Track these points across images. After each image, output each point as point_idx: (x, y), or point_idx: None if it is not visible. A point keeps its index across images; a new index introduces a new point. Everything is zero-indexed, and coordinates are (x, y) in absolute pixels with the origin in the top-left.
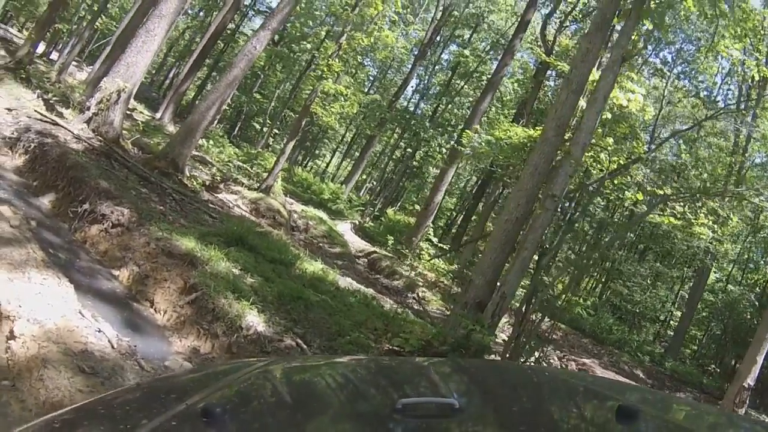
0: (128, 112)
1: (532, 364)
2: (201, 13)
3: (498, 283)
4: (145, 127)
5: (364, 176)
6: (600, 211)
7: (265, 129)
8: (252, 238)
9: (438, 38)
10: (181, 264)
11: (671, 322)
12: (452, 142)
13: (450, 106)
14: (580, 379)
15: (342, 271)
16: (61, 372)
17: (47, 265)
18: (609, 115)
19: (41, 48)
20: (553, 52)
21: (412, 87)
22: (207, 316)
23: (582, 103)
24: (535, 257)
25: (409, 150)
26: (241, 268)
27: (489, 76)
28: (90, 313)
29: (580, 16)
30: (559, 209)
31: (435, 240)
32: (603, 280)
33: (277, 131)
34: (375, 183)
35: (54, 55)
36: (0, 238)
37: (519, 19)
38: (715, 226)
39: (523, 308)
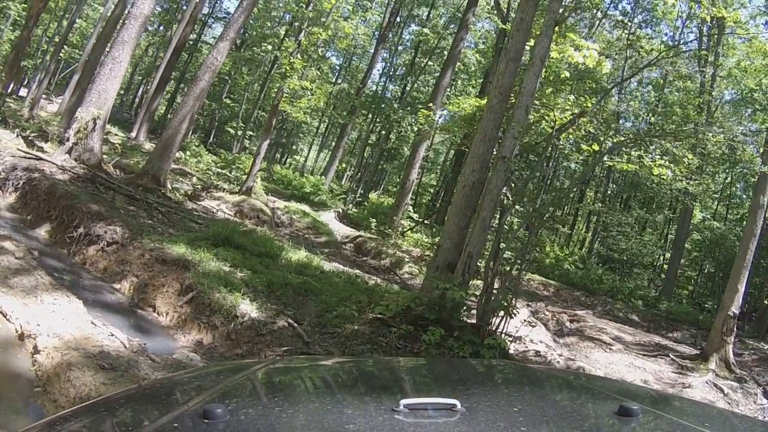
0: (104, 136)
1: (504, 315)
2: (161, 28)
3: (465, 245)
4: (123, 148)
5: (343, 165)
6: (579, 167)
7: (239, 133)
8: (237, 237)
9: (397, 19)
10: (175, 269)
11: (664, 265)
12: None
13: (417, 84)
14: (581, 379)
15: (329, 258)
16: (85, 371)
17: (55, 288)
18: (567, 74)
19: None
20: (509, 19)
21: (378, 71)
22: (205, 311)
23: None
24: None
25: (383, 133)
26: (231, 265)
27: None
28: (101, 322)
29: None
30: (513, 170)
31: (415, 216)
32: (587, 233)
33: (251, 133)
34: (355, 170)
35: (22, 92)
36: (9, 270)
37: None
38: (672, 165)
39: (490, 264)
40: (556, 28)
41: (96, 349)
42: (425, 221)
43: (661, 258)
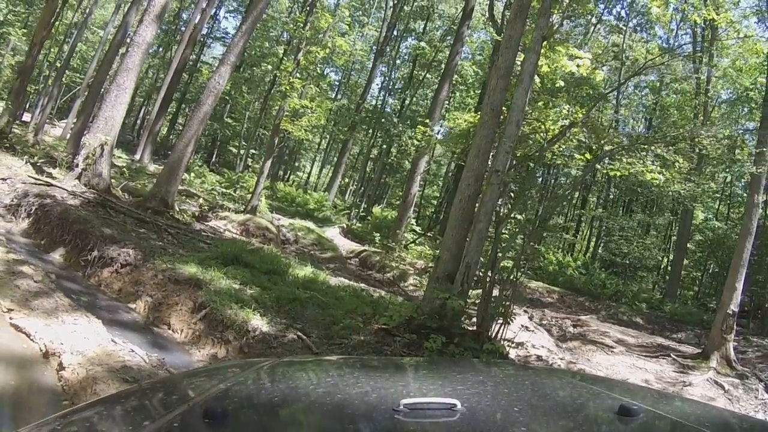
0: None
1: (503, 321)
2: (160, 50)
3: (463, 256)
4: (129, 171)
5: (346, 179)
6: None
7: (242, 152)
8: (245, 255)
9: (394, 33)
10: (187, 288)
11: (668, 267)
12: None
13: (415, 98)
14: (582, 379)
15: (334, 273)
16: (110, 384)
17: (74, 308)
18: (561, 83)
19: None
20: (504, 30)
21: (377, 85)
22: (218, 327)
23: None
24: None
25: (384, 147)
26: (240, 283)
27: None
28: (120, 339)
29: None
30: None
31: (418, 229)
32: (591, 238)
33: (254, 151)
34: (357, 185)
35: (25, 116)
36: (29, 292)
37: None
38: (663, 170)
39: (488, 273)
40: (545, 43)
41: (118, 364)
42: (428, 233)
43: (665, 260)
